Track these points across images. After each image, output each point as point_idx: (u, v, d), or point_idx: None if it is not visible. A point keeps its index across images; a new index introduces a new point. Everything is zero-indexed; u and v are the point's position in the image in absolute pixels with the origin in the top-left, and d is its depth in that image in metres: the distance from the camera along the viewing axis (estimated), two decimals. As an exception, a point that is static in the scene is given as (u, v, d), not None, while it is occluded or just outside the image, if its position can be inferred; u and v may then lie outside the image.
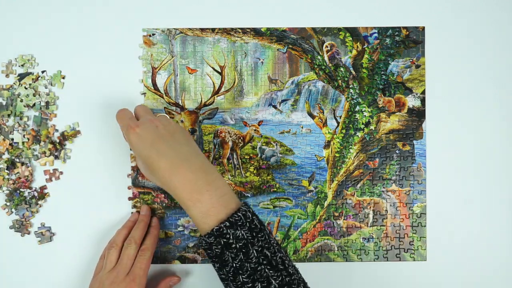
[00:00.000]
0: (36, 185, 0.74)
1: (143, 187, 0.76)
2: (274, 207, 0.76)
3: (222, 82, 0.76)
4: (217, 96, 0.76)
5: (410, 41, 0.76)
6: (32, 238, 0.74)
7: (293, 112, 0.77)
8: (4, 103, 0.74)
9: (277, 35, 0.76)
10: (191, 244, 0.76)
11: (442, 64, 0.76)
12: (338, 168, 0.77)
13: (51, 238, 0.75)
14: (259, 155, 0.76)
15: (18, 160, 0.74)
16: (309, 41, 0.76)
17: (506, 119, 0.76)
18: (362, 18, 0.76)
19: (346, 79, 0.76)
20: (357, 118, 0.76)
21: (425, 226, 0.76)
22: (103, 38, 0.75)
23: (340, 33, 0.76)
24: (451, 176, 0.76)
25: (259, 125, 0.77)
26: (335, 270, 0.76)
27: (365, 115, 0.76)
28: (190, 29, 0.76)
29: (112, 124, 0.74)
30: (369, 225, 0.76)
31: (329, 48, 0.76)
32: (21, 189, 0.74)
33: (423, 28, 0.76)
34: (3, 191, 0.74)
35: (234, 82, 0.76)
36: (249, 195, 0.76)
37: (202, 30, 0.76)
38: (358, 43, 0.76)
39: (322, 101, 0.77)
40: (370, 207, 0.76)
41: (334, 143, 0.77)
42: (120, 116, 0.67)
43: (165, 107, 0.76)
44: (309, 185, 0.76)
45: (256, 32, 0.76)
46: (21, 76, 0.74)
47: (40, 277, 0.74)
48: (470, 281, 0.76)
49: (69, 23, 0.75)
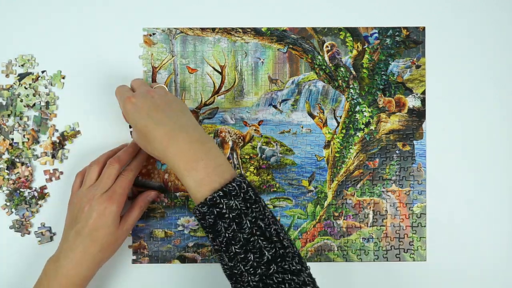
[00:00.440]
0: (36, 185, 0.74)
1: (143, 186, 0.75)
2: (274, 207, 0.76)
3: (222, 82, 0.76)
4: (217, 96, 0.76)
5: (410, 41, 0.76)
6: (32, 238, 0.74)
7: (293, 112, 0.77)
8: (4, 103, 0.74)
9: (277, 35, 0.76)
10: (191, 244, 0.76)
11: (443, 64, 0.76)
12: (338, 168, 0.77)
13: (51, 238, 0.74)
14: (259, 155, 0.76)
15: (18, 160, 0.74)
16: (310, 41, 0.76)
17: (507, 119, 0.77)
18: (362, 18, 0.76)
19: (346, 79, 0.76)
20: (357, 118, 0.76)
21: (425, 226, 0.76)
22: (103, 38, 0.75)
23: (341, 33, 0.76)
24: (451, 176, 0.76)
25: (259, 125, 0.77)
26: (335, 270, 0.76)
27: (365, 115, 0.76)
28: (190, 28, 0.76)
29: (112, 124, 0.74)
30: (369, 225, 0.76)
31: (329, 48, 0.76)
32: (21, 189, 0.74)
33: (424, 28, 0.76)
34: (3, 191, 0.74)
35: (235, 82, 0.76)
36: (249, 195, 0.76)
37: (202, 29, 0.76)
38: (359, 43, 0.76)
39: (322, 101, 0.77)
40: (370, 207, 0.76)
41: (334, 143, 0.77)
42: (118, 91, 0.67)
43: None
44: (309, 185, 0.76)
45: (257, 32, 0.76)
46: (21, 76, 0.74)
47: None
48: (470, 281, 0.76)
49: (69, 23, 0.75)
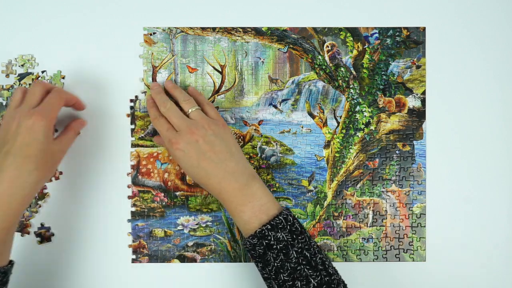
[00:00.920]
0: (36, 185, 0.74)
1: (142, 185, 0.75)
2: (274, 206, 0.76)
3: (222, 81, 0.76)
4: (217, 95, 0.76)
5: (410, 41, 0.76)
6: (32, 238, 0.74)
7: (293, 111, 0.77)
8: (4, 103, 0.74)
9: (278, 35, 0.76)
10: (190, 243, 0.76)
11: (443, 64, 0.76)
12: (338, 168, 0.77)
13: (51, 238, 0.75)
14: (259, 155, 0.76)
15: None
16: (310, 41, 0.76)
17: (507, 119, 0.77)
18: (363, 18, 0.76)
19: (346, 79, 0.76)
20: (357, 118, 0.76)
21: (424, 226, 0.76)
22: (103, 37, 0.75)
23: (341, 33, 0.76)
24: (451, 176, 0.76)
25: (259, 124, 0.77)
26: (334, 270, 0.76)
27: (365, 115, 0.76)
28: (191, 28, 0.75)
29: (112, 124, 0.74)
30: (368, 225, 0.76)
31: (329, 48, 0.76)
32: (21, 189, 0.74)
33: (424, 29, 0.76)
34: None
35: (235, 82, 0.76)
36: (249, 195, 0.76)
37: (203, 29, 0.75)
38: (359, 43, 0.76)
39: (322, 101, 0.77)
40: (370, 207, 0.76)
41: (334, 143, 0.77)
42: (158, 124, 0.68)
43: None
44: (309, 185, 0.76)
45: (257, 32, 0.76)
46: (21, 76, 0.74)
47: (40, 277, 0.74)
48: (469, 281, 0.76)
49: (69, 23, 0.74)
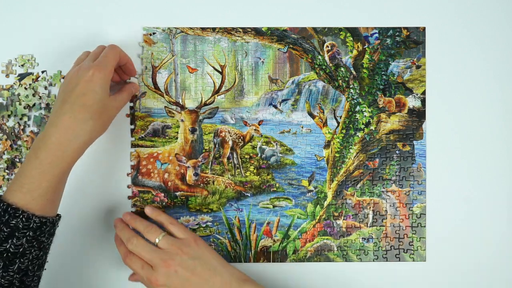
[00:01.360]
0: (36, 185, 0.74)
1: (142, 185, 0.76)
2: (273, 206, 0.76)
3: (222, 82, 0.76)
4: (217, 96, 0.76)
5: (410, 41, 0.76)
6: (32, 237, 0.74)
7: (294, 112, 0.77)
8: (4, 103, 0.74)
9: (277, 35, 0.76)
10: (190, 243, 0.76)
11: (443, 64, 0.76)
12: (338, 168, 0.77)
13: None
14: (259, 155, 0.76)
15: (18, 160, 0.74)
16: (310, 41, 0.76)
17: (507, 119, 0.76)
18: (362, 18, 0.76)
19: (346, 79, 0.76)
20: (357, 118, 0.76)
21: (424, 226, 0.76)
22: (103, 37, 0.75)
23: (341, 33, 0.76)
24: (451, 176, 0.76)
25: (259, 124, 0.77)
26: (334, 270, 0.76)
27: (365, 115, 0.76)
28: (191, 28, 0.75)
29: (112, 124, 0.74)
30: (368, 225, 0.76)
31: (329, 48, 0.76)
32: (21, 189, 0.74)
33: (424, 29, 0.76)
34: (3, 191, 0.73)
35: (235, 82, 0.76)
36: (249, 195, 0.76)
37: (203, 29, 0.75)
38: (359, 43, 0.76)
39: (322, 101, 0.77)
40: (370, 207, 0.76)
41: (334, 143, 0.77)
42: (131, 263, 0.68)
43: (165, 106, 0.76)
44: (309, 185, 0.76)
45: (257, 32, 0.76)
46: (21, 76, 0.74)
47: (40, 276, 0.74)
48: (469, 281, 0.76)
49: (69, 23, 0.75)
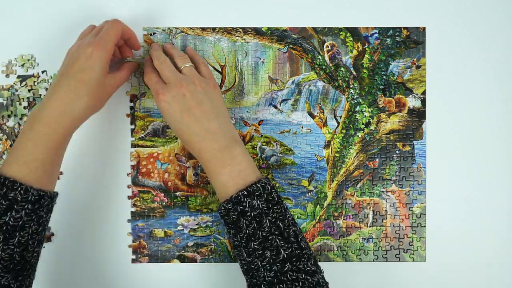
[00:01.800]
0: (36, 185, 0.74)
1: (142, 185, 0.76)
2: (274, 206, 0.76)
3: (222, 82, 0.76)
4: (217, 96, 0.76)
5: (410, 41, 0.76)
6: (32, 238, 0.74)
7: (294, 112, 0.77)
8: (4, 103, 0.74)
9: (278, 35, 0.76)
10: (190, 243, 0.76)
11: (443, 64, 0.76)
12: (338, 168, 0.77)
13: (51, 238, 0.75)
14: (259, 155, 0.76)
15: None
16: (310, 41, 0.76)
17: (507, 119, 0.77)
18: (362, 18, 0.76)
19: (346, 79, 0.76)
20: (357, 118, 0.76)
21: (424, 226, 0.76)
22: (103, 37, 0.75)
23: (341, 33, 0.76)
24: (451, 176, 0.76)
25: (259, 124, 0.77)
26: (334, 270, 0.76)
27: (365, 115, 0.76)
28: (191, 28, 0.75)
29: (112, 124, 0.74)
30: (368, 225, 0.76)
31: (329, 48, 0.76)
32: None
33: (424, 29, 0.76)
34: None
35: (235, 82, 0.76)
36: (249, 195, 0.76)
37: (202, 29, 0.75)
38: (359, 43, 0.76)
39: (322, 101, 0.77)
40: (370, 207, 0.76)
41: (334, 143, 0.77)
42: (147, 79, 0.68)
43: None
44: (309, 185, 0.76)
45: (257, 32, 0.76)
46: (23, 78, 0.74)
47: (40, 277, 0.74)
48: (469, 281, 0.76)
49: (69, 23, 0.75)
